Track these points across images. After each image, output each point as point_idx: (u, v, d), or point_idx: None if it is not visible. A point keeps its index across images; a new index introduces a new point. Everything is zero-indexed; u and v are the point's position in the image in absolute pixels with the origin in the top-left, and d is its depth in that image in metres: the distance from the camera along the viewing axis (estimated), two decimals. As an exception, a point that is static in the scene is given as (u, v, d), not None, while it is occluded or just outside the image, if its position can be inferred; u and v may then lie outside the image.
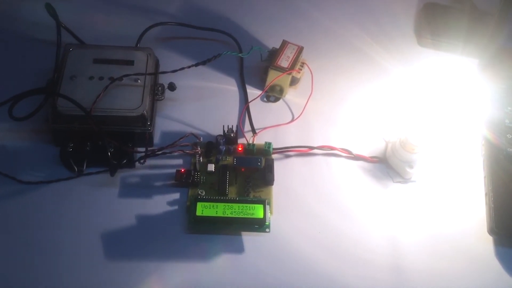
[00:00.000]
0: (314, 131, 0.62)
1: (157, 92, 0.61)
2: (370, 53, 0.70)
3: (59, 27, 0.61)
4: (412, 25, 0.74)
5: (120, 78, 0.57)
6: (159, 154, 0.55)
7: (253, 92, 0.64)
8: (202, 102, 0.63)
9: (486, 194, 0.57)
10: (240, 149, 0.58)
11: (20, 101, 0.54)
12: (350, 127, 0.62)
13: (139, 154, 0.56)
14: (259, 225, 0.52)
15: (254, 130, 0.60)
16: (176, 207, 0.54)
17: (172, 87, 0.61)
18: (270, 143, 0.58)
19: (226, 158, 0.58)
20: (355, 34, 0.72)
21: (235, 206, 0.52)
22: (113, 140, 0.55)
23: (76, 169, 0.55)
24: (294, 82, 0.64)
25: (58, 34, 0.60)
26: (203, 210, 0.52)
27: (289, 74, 0.62)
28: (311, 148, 0.59)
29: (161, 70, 0.63)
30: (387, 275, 0.52)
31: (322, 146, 0.59)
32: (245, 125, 0.61)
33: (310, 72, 0.65)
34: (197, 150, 0.56)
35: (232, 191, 0.55)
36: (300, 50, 0.63)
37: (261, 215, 0.51)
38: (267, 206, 0.52)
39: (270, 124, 0.61)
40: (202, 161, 0.56)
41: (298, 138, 0.61)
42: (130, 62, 0.59)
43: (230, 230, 0.53)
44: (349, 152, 0.59)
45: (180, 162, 0.57)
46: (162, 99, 0.62)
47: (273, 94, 0.64)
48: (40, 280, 0.49)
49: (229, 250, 0.52)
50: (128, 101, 0.56)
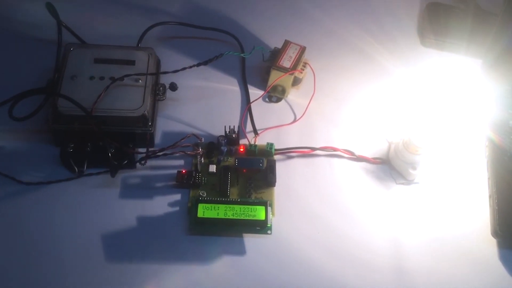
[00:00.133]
0: (316, 132, 0.61)
1: (158, 92, 0.60)
2: (372, 53, 0.69)
3: (60, 27, 0.60)
4: (415, 25, 0.73)
5: (121, 78, 0.57)
6: (160, 155, 0.55)
7: (255, 92, 0.64)
8: (203, 102, 0.63)
9: (490, 196, 0.56)
10: (241, 150, 0.58)
11: (20, 101, 0.54)
12: (352, 128, 0.62)
13: (140, 155, 0.55)
14: (261, 227, 0.51)
15: (256, 131, 0.60)
16: (177, 208, 0.54)
17: (173, 87, 0.60)
18: (272, 144, 0.58)
19: (228, 159, 0.57)
20: (358, 34, 0.71)
21: (237, 207, 0.52)
22: (114, 140, 0.55)
23: (76, 169, 0.55)
24: (296, 82, 0.64)
25: (59, 33, 0.60)
26: (205, 211, 0.51)
27: (291, 74, 0.62)
28: (313, 149, 0.59)
29: (162, 70, 0.62)
30: (390, 277, 0.52)
31: (325, 147, 0.59)
32: (247, 125, 0.61)
33: (313, 72, 0.64)
34: (198, 151, 0.55)
35: (233, 193, 0.55)
36: (302, 50, 0.63)
37: (262, 217, 0.51)
38: (269, 208, 0.52)
39: (272, 124, 0.61)
40: (203, 162, 0.56)
41: (300, 139, 0.60)
42: (131, 62, 0.59)
43: (232, 232, 0.52)
44: (351, 153, 0.59)
45: (181, 163, 0.57)
46: (164, 99, 0.61)
47: (275, 95, 0.64)
48: (40, 281, 0.49)
49: (230, 252, 0.52)
50: (129, 101, 0.56)
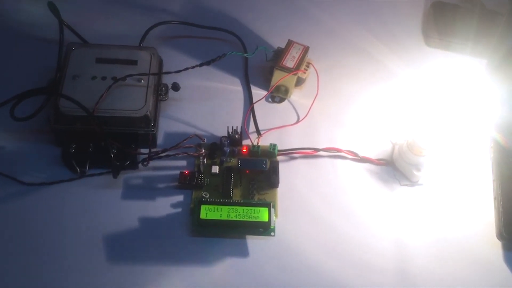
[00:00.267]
0: (319, 133, 0.61)
1: (160, 92, 0.60)
2: (376, 53, 0.69)
3: (62, 26, 0.60)
4: (419, 24, 0.73)
5: (123, 78, 0.56)
6: (163, 157, 0.55)
7: (258, 92, 0.64)
8: (206, 103, 0.62)
9: (495, 198, 0.56)
10: (244, 150, 0.57)
11: (22, 101, 0.54)
12: (356, 129, 0.62)
13: (142, 156, 0.55)
14: (264, 228, 0.51)
15: (259, 132, 0.60)
16: (179, 210, 0.54)
17: (176, 87, 0.60)
18: (275, 145, 0.57)
19: (231, 160, 0.57)
20: (361, 34, 0.71)
21: (240, 209, 0.51)
22: (116, 141, 0.54)
23: (78, 170, 0.55)
24: (299, 82, 0.63)
25: (60, 33, 0.59)
26: (207, 213, 0.51)
27: (294, 74, 0.61)
28: (317, 150, 0.59)
29: (164, 69, 0.62)
30: (394, 279, 0.51)
31: (328, 148, 0.59)
32: (249, 126, 0.60)
33: (316, 72, 0.64)
34: (201, 152, 0.55)
35: (236, 194, 0.55)
36: (305, 50, 0.62)
37: (266, 219, 0.51)
38: (272, 209, 0.52)
39: (275, 125, 0.61)
40: (206, 163, 0.56)
41: (304, 140, 0.60)
42: (134, 62, 0.58)
43: (235, 234, 0.52)
44: (355, 154, 0.59)
45: (183, 163, 0.57)
46: (166, 100, 0.61)
47: (278, 95, 0.64)
48: (41, 282, 0.49)
49: (233, 254, 0.51)
50: (131, 101, 0.55)
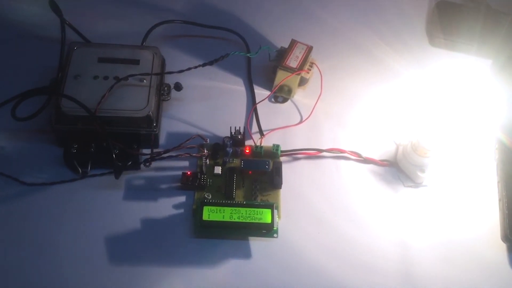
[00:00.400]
0: (323, 133, 0.60)
1: (163, 92, 0.59)
2: (380, 53, 0.68)
3: (63, 25, 0.59)
4: (423, 24, 0.72)
5: (125, 78, 0.56)
6: (165, 157, 0.54)
7: (261, 92, 0.63)
8: (209, 103, 0.62)
9: (499, 200, 0.56)
10: (247, 151, 0.57)
11: (23, 101, 0.54)
12: (360, 130, 0.61)
13: (145, 157, 0.55)
14: (267, 230, 0.51)
15: (261, 132, 0.59)
16: (182, 211, 0.54)
17: (178, 87, 0.60)
18: (278, 145, 0.57)
19: (233, 160, 0.57)
20: (365, 34, 0.70)
21: (242, 210, 0.51)
22: (118, 141, 0.54)
23: (80, 170, 0.54)
24: (303, 82, 0.63)
25: (62, 32, 0.59)
26: (210, 214, 0.51)
27: (298, 74, 0.61)
28: (320, 150, 0.58)
29: (167, 68, 0.62)
30: (397, 281, 0.51)
31: (331, 149, 0.58)
32: (252, 126, 0.60)
33: (320, 72, 0.63)
34: (203, 153, 0.55)
35: (239, 195, 0.54)
36: (309, 49, 0.62)
37: (269, 220, 0.51)
38: (275, 211, 0.51)
39: (278, 125, 0.60)
40: (208, 163, 0.55)
41: (307, 140, 0.59)
42: (136, 61, 0.58)
43: (237, 235, 0.52)
44: (358, 155, 0.58)
45: (186, 164, 0.56)
46: (168, 99, 0.60)
47: (281, 95, 0.63)
48: (42, 282, 0.49)
49: (236, 256, 0.51)
50: (133, 101, 0.55)
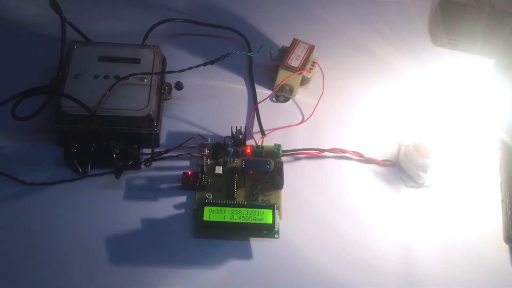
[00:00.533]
0: (324, 133, 0.60)
1: (163, 91, 0.59)
2: (382, 52, 0.68)
3: (64, 24, 0.59)
4: (426, 23, 0.72)
5: (126, 77, 0.55)
6: (166, 157, 0.54)
7: (262, 92, 0.63)
8: (210, 102, 0.62)
9: (502, 201, 0.55)
10: (248, 151, 0.57)
11: (23, 100, 0.54)
12: (362, 129, 0.61)
13: (145, 156, 0.54)
14: (268, 230, 0.51)
15: (263, 132, 0.59)
16: (182, 211, 0.53)
17: (179, 86, 0.59)
18: (279, 145, 0.57)
19: (234, 160, 0.56)
20: (367, 33, 0.70)
21: (243, 211, 0.51)
22: (118, 141, 0.54)
23: (80, 170, 0.54)
24: (304, 82, 0.63)
25: (62, 30, 0.58)
26: (211, 214, 0.50)
27: (299, 74, 0.60)
28: (322, 150, 0.58)
29: (168, 68, 0.61)
30: (399, 282, 0.51)
31: (333, 149, 0.58)
32: (253, 126, 0.60)
33: (321, 72, 0.63)
34: (204, 152, 0.54)
35: (240, 195, 0.54)
36: (311, 49, 0.62)
37: (270, 221, 0.50)
38: (276, 212, 0.51)
39: (279, 125, 0.60)
40: (209, 163, 0.55)
41: (308, 140, 0.59)
42: (137, 60, 0.58)
43: (238, 236, 0.52)
44: (360, 155, 0.58)
45: (187, 164, 0.56)
46: (169, 99, 0.60)
47: (282, 94, 0.63)
48: (42, 283, 0.48)
49: (237, 256, 0.51)
50: (134, 101, 0.55)
